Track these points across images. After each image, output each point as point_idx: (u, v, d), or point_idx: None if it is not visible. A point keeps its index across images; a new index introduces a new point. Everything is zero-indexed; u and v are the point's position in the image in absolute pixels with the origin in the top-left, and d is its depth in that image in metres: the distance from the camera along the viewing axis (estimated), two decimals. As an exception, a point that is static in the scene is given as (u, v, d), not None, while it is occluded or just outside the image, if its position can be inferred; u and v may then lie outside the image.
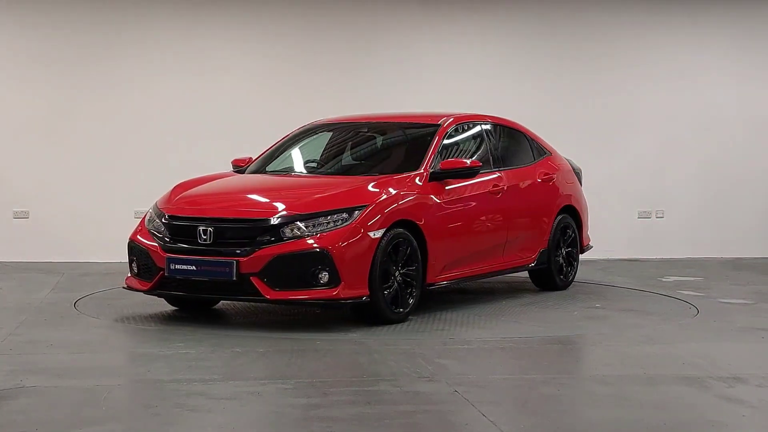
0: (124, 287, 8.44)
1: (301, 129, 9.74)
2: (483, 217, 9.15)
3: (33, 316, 8.35)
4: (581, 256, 10.63)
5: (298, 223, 7.78)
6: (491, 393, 6.02)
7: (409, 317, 8.21)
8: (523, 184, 9.72)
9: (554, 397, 6.02)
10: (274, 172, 9.16)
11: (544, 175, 10.06)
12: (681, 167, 13.14)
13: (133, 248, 8.34)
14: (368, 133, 9.53)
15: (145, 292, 8.24)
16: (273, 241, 7.74)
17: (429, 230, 8.33)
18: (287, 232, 7.76)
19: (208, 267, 7.80)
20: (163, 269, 7.97)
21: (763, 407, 5.79)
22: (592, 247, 10.83)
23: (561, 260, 10.15)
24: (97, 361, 6.80)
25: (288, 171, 9.22)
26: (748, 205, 13.26)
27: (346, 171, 9.08)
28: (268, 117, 12.12)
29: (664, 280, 11.05)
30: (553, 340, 7.74)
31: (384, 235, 7.92)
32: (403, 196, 8.23)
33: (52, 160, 12.07)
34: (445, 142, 9.03)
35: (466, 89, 12.57)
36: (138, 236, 8.33)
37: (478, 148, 9.47)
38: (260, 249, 7.71)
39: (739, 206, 13.25)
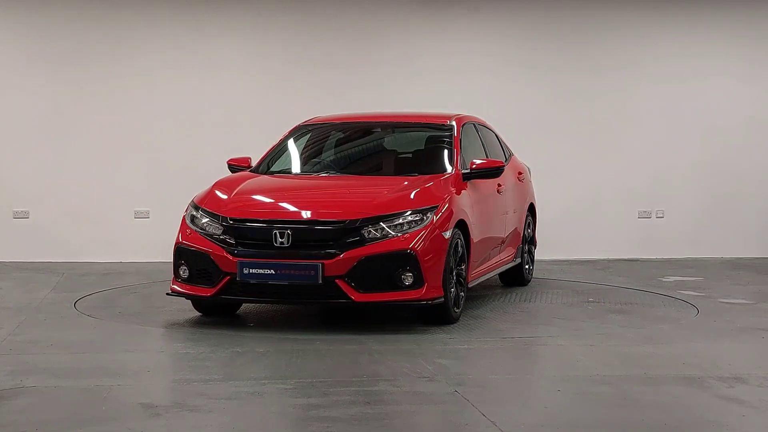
0: (168, 293, 8.14)
1: (295, 128, 9.53)
2: (497, 216, 9.26)
3: (33, 316, 8.34)
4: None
5: (381, 224, 7.65)
6: (491, 393, 6.02)
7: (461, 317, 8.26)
8: (510, 184, 9.84)
9: (554, 397, 6.03)
10: (289, 172, 8.94)
11: (519, 174, 10.23)
12: (681, 167, 13.13)
13: (185, 252, 7.93)
14: (382, 133, 9.44)
15: (207, 298, 7.90)
16: (356, 243, 7.59)
17: (472, 230, 8.37)
18: (367, 233, 7.63)
19: (289, 270, 7.59)
20: (229, 274, 7.66)
21: (763, 407, 5.79)
22: (536, 244, 10.88)
23: (527, 256, 10.29)
24: (97, 361, 6.79)
25: (309, 171, 8.93)
26: (748, 205, 13.25)
27: (376, 171, 8.97)
28: (267, 118, 12.10)
29: (664, 280, 11.04)
30: (552, 339, 7.72)
31: (451, 235, 7.91)
32: (454, 197, 8.19)
33: (52, 160, 12.06)
34: None
35: (466, 89, 12.56)
36: (188, 240, 7.93)
37: (476, 148, 9.47)
38: (347, 251, 7.55)
39: (739, 206, 13.24)
